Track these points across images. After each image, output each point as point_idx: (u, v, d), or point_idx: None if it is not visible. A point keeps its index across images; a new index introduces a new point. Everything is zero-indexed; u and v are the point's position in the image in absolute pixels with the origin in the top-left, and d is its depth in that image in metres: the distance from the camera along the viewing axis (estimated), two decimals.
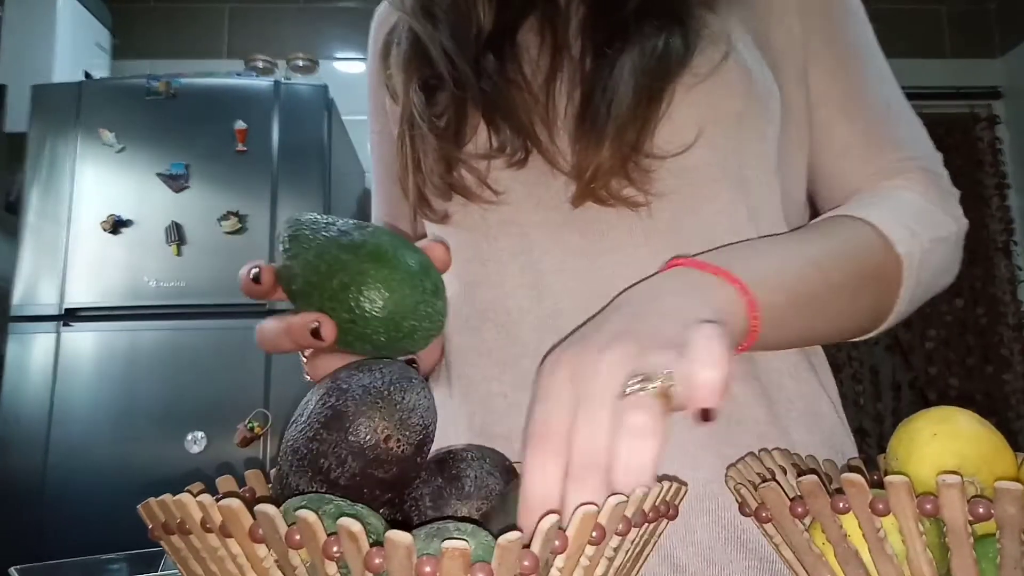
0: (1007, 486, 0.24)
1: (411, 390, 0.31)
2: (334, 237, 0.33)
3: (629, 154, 0.43)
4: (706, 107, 0.45)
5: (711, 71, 0.44)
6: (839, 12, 0.52)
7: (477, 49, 0.48)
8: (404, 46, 0.51)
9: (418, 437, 0.31)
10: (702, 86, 0.44)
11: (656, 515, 0.28)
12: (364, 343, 0.33)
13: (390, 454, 0.30)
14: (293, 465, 0.30)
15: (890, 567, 0.27)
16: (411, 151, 0.49)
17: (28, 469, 1.51)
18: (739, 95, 0.46)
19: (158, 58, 2.27)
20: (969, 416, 0.31)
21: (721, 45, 0.45)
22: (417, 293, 0.32)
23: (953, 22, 2.54)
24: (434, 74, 0.48)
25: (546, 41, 0.48)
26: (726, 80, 0.45)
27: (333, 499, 0.26)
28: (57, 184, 1.64)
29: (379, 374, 0.31)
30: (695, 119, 0.45)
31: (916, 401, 2.32)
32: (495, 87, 0.47)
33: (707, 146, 0.45)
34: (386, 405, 0.30)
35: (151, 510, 0.29)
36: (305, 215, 0.35)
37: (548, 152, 0.45)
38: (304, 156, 1.68)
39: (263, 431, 1.54)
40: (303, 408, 0.32)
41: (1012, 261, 2.43)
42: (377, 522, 0.26)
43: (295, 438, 0.30)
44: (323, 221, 0.34)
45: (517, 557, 0.22)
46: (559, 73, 0.47)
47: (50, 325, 1.58)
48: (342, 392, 0.30)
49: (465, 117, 0.47)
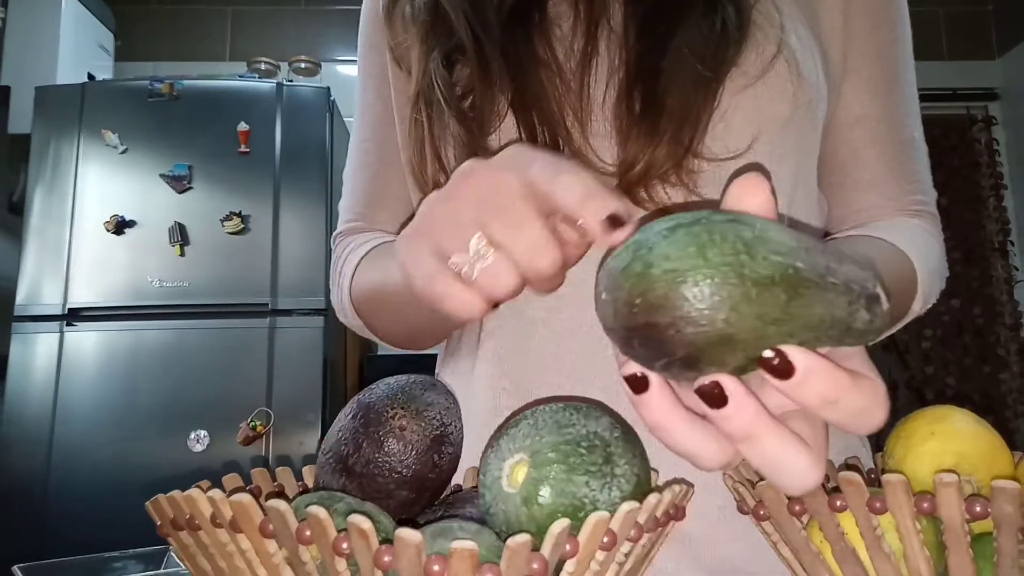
0: (1004, 485, 0.25)
1: (431, 390, 0.33)
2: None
3: (683, 155, 0.40)
4: (755, 111, 0.42)
5: (762, 71, 0.41)
6: (890, 20, 0.49)
7: (502, 18, 0.43)
8: (421, 12, 0.47)
9: (434, 431, 0.32)
10: (751, 90, 0.41)
11: (666, 519, 0.28)
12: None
13: (405, 441, 0.31)
14: (321, 459, 0.33)
15: (887, 565, 0.28)
16: (429, 135, 0.44)
17: (31, 468, 1.51)
18: (788, 101, 0.43)
19: (161, 60, 2.27)
20: (966, 415, 0.31)
21: (773, 35, 0.42)
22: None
23: (950, 24, 2.55)
24: (456, 47, 0.44)
25: (580, 13, 0.43)
26: (777, 84, 0.42)
27: (344, 497, 0.27)
28: (60, 185, 1.65)
29: (405, 377, 0.33)
30: (748, 123, 0.42)
31: (913, 400, 2.32)
32: (523, 69, 0.42)
33: (755, 153, 0.42)
34: (404, 397, 0.32)
35: (160, 506, 0.29)
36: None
37: (580, 150, 0.42)
38: (306, 157, 1.69)
39: (265, 430, 1.55)
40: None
41: (1008, 261, 2.45)
42: (387, 521, 0.26)
43: (327, 435, 0.33)
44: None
45: (526, 559, 0.22)
46: (595, 53, 0.42)
47: (53, 325, 1.59)
48: (369, 391, 0.33)
49: (491, 101, 0.42)
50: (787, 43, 0.43)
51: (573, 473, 0.25)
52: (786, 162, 0.44)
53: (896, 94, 0.49)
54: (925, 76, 2.62)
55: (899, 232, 0.46)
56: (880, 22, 0.48)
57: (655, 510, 0.27)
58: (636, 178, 0.40)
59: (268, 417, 1.55)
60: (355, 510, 0.26)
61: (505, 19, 0.44)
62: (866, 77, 0.48)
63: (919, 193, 0.50)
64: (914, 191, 0.50)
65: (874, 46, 0.48)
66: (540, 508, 0.25)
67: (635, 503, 0.25)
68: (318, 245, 1.66)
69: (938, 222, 0.51)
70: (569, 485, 0.25)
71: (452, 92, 0.43)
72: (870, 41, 0.48)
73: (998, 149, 2.51)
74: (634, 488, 0.26)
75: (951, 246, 2.43)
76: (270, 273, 1.62)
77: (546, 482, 0.25)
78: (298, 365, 1.60)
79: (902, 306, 0.44)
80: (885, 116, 0.49)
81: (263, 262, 1.63)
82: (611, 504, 0.25)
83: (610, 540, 0.24)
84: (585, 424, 0.27)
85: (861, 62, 0.48)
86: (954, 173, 2.48)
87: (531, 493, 0.25)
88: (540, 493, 0.25)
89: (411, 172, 0.47)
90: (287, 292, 1.62)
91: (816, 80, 0.44)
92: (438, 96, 0.44)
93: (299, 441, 1.57)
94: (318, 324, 1.62)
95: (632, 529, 0.25)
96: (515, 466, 0.27)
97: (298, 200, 1.67)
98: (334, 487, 0.31)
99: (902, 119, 0.50)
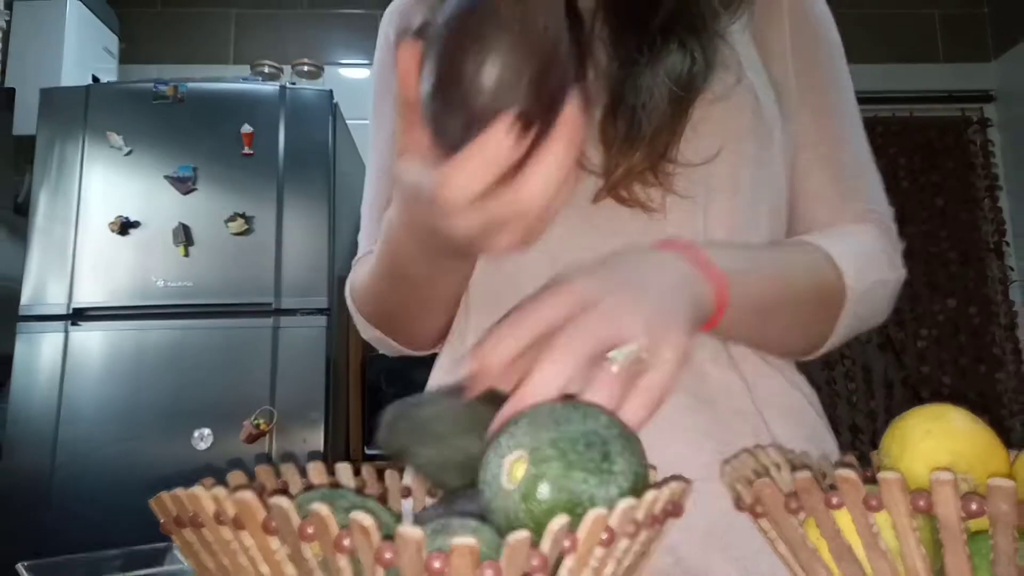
0: (1000, 483, 0.25)
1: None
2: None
3: (658, 160, 0.47)
4: (721, 124, 0.49)
5: (726, 93, 0.49)
6: (827, 55, 0.56)
7: None
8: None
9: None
10: (719, 105, 0.49)
11: (664, 516, 0.28)
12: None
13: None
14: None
15: (884, 563, 0.28)
16: None
17: (36, 467, 1.52)
18: (748, 116, 0.50)
19: (165, 63, 2.28)
20: (962, 413, 0.31)
21: (734, 70, 0.50)
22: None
23: (945, 26, 2.54)
24: None
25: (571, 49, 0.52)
26: (739, 101, 0.50)
27: (346, 494, 0.27)
28: (65, 186, 1.66)
29: None
30: (716, 134, 0.49)
31: (909, 399, 2.32)
32: None
33: (723, 160, 0.49)
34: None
35: (163, 504, 0.30)
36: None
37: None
38: (309, 159, 1.70)
39: (269, 428, 1.55)
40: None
41: (1004, 262, 2.45)
42: (388, 517, 0.26)
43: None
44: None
45: (526, 556, 0.22)
46: (584, 79, 0.50)
47: (58, 325, 1.60)
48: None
49: None
50: (745, 75, 0.51)
51: (571, 470, 0.26)
52: (747, 169, 0.51)
53: (839, 122, 0.56)
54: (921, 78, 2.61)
55: (827, 234, 0.51)
56: (817, 61, 0.56)
57: (653, 507, 0.27)
58: (618, 179, 0.47)
59: (271, 415, 1.56)
60: (357, 507, 0.26)
61: None
62: (810, 110, 0.55)
63: (864, 203, 0.54)
64: (858, 202, 0.54)
65: (819, 80, 0.55)
66: (539, 504, 0.25)
67: (633, 499, 0.25)
68: (321, 246, 1.67)
69: (889, 229, 0.55)
70: (568, 482, 0.25)
71: None
72: (815, 75, 0.55)
73: (993, 151, 2.51)
74: (632, 485, 0.26)
75: (947, 247, 2.43)
76: (274, 273, 1.63)
77: (545, 478, 0.26)
78: (301, 364, 1.60)
79: (829, 290, 0.48)
80: (830, 140, 0.55)
81: (267, 262, 1.63)
82: (609, 501, 0.25)
83: (609, 536, 0.25)
84: (584, 422, 0.27)
85: (806, 96, 0.55)
86: (949, 175, 2.48)
87: (530, 489, 0.26)
88: (539, 489, 0.26)
89: None
90: (291, 292, 1.63)
91: (771, 107, 0.52)
92: None
93: (303, 439, 1.58)
94: (321, 324, 1.63)
95: (630, 526, 0.26)
96: (514, 463, 0.27)
97: (301, 201, 1.67)
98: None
99: (850, 143, 0.56)
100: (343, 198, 1.79)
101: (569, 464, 0.26)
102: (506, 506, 0.26)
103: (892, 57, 2.43)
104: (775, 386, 0.51)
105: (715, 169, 0.49)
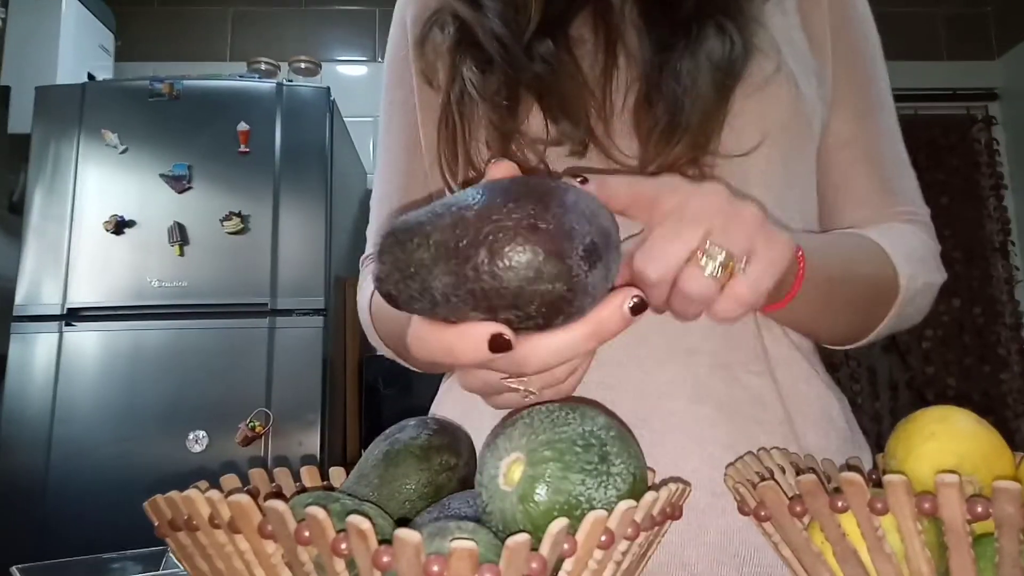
0: (1005, 485, 0.24)
1: None
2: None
3: (700, 152, 0.44)
4: (760, 115, 0.46)
5: (765, 82, 0.46)
6: (869, 51, 0.54)
7: (528, 36, 0.48)
8: (450, 31, 0.51)
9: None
10: (757, 95, 0.46)
11: (663, 518, 0.28)
12: None
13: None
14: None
15: (888, 566, 0.28)
16: (460, 125, 0.48)
17: (30, 468, 1.51)
18: (787, 106, 0.47)
19: (161, 60, 2.27)
20: (967, 415, 0.31)
21: (773, 56, 0.47)
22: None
23: (949, 24, 2.55)
24: (484, 58, 0.48)
25: (600, 35, 0.48)
26: (778, 92, 0.47)
27: (340, 497, 0.26)
28: (60, 185, 1.65)
29: None
30: (755, 124, 0.46)
31: (914, 400, 2.32)
32: (551, 74, 0.46)
33: (760, 153, 0.47)
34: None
35: (158, 507, 0.29)
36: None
37: (604, 145, 0.46)
38: (306, 157, 1.69)
39: (264, 430, 1.55)
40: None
41: (1009, 261, 2.45)
42: (384, 522, 0.26)
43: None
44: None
45: (525, 559, 0.22)
46: (615, 66, 0.47)
47: (53, 325, 1.59)
48: None
49: (519, 97, 0.47)
50: (785, 62, 0.48)
51: (569, 471, 0.25)
52: (788, 163, 0.49)
53: (881, 120, 0.54)
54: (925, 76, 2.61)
55: (881, 231, 0.50)
56: (859, 56, 0.54)
57: (652, 509, 0.27)
58: (656, 171, 0.44)
59: (267, 418, 1.55)
60: (353, 510, 0.25)
61: (531, 37, 0.48)
62: (852, 106, 0.53)
63: (909, 204, 0.53)
64: (904, 203, 0.53)
65: (859, 79, 0.53)
66: (536, 506, 0.25)
67: (632, 502, 0.25)
68: (318, 245, 1.66)
69: (931, 230, 0.54)
70: (565, 483, 0.25)
71: (484, 87, 0.47)
72: (852, 73, 0.53)
73: (998, 149, 2.51)
74: (630, 487, 0.26)
75: (951, 246, 2.42)
76: (269, 273, 1.62)
77: (542, 480, 0.25)
78: (297, 365, 1.60)
79: (885, 284, 0.47)
80: (873, 138, 0.53)
81: (263, 262, 1.63)
82: (607, 503, 0.25)
83: (608, 539, 0.24)
84: (581, 423, 0.27)
85: (846, 92, 0.53)
86: (954, 173, 2.48)
87: (527, 491, 0.25)
88: (536, 491, 0.25)
89: (440, 172, 0.51)
90: (287, 292, 1.62)
91: (812, 96, 0.49)
92: (470, 91, 0.48)
93: (298, 441, 1.57)
94: (317, 324, 1.62)
95: (630, 528, 0.25)
96: (511, 464, 0.26)
97: (298, 200, 1.67)
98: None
99: (891, 143, 0.54)
100: (340, 197, 1.79)
101: (566, 465, 0.25)
102: (503, 508, 0.26)
103: (896, 55, 2.43)
104: (811, 392, 0.48)
105: (752, 161, 0.46)
